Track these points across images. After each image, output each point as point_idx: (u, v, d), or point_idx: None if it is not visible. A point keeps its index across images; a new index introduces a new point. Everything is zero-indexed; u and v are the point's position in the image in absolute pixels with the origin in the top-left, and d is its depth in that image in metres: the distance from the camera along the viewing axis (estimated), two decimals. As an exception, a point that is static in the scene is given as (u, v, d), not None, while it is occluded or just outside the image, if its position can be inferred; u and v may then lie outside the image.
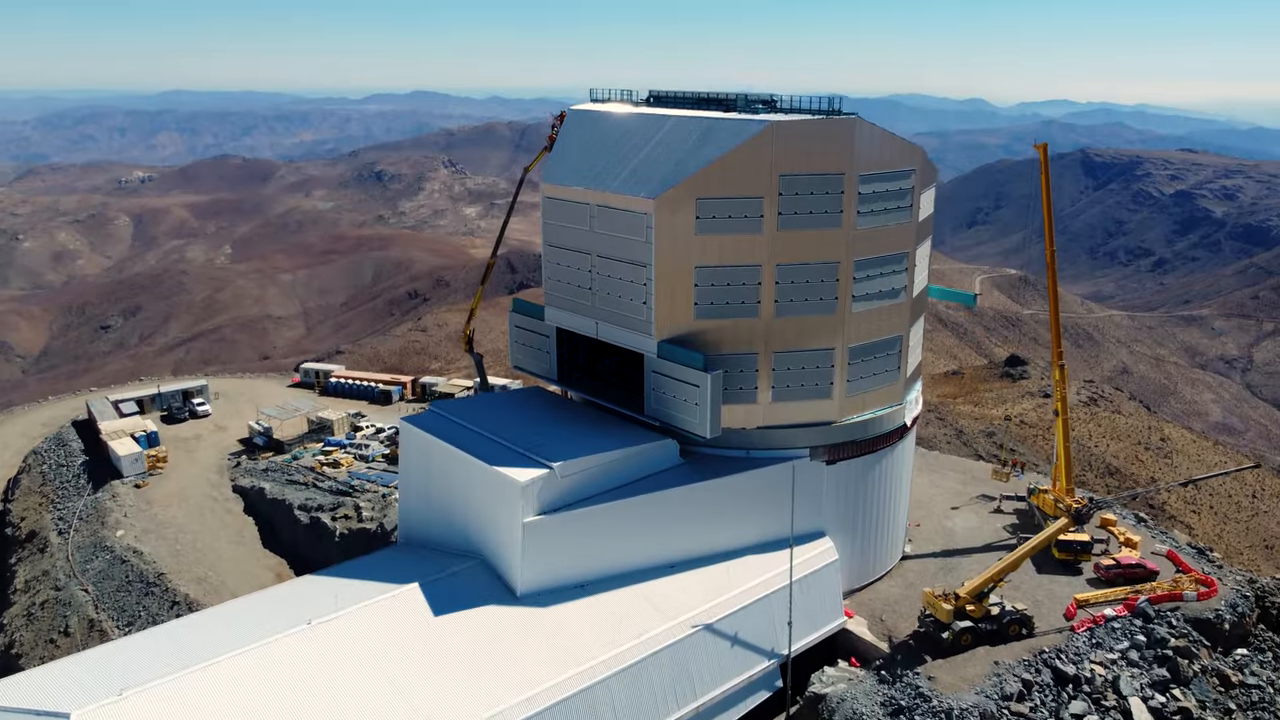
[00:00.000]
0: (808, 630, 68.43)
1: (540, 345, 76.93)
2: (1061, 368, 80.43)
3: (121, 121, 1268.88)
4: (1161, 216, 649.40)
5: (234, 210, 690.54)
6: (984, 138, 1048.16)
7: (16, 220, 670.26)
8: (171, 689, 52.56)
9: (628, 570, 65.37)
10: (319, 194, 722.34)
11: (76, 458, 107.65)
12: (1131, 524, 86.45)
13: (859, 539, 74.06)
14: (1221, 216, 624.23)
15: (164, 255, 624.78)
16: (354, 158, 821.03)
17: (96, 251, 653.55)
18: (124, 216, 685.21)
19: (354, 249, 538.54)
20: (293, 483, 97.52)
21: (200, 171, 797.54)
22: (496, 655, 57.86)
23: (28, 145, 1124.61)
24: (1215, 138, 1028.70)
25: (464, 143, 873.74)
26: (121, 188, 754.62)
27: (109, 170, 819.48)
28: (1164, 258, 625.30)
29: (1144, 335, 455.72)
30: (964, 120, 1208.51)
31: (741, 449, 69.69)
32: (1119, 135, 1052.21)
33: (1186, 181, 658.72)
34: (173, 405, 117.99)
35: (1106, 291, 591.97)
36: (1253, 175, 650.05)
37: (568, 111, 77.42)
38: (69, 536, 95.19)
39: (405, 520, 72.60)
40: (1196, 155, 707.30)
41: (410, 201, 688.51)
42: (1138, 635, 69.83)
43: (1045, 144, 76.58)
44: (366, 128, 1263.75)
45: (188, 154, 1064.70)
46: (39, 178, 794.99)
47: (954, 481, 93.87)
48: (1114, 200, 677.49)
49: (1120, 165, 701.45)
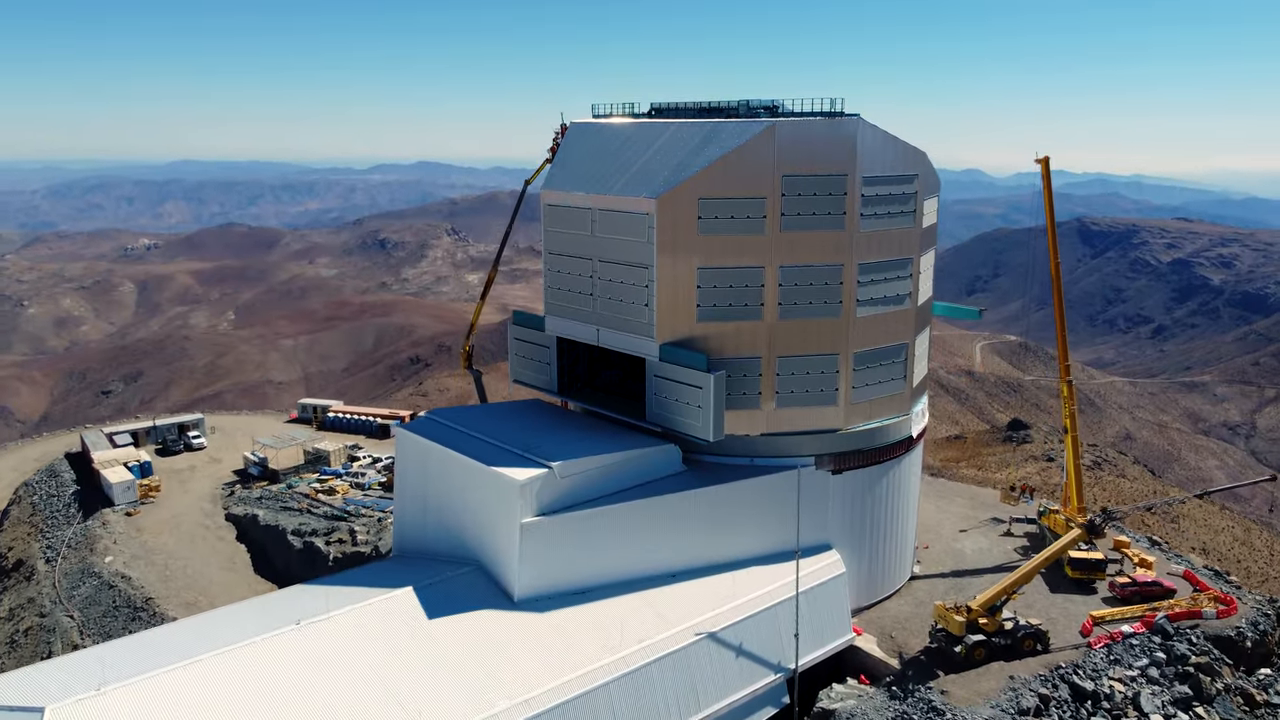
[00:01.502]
0: (815, 645, 66.14)
1: (540, 357, 75.93)
2: (1069, 384, 79.25)
3: (129, 191, 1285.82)
4: (1159, 284, 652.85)
5: (238, 277, 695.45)
6: (981, 207, 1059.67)
7: (22, 287, 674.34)
8: (153, 685, 50.41)
9: (629, 578, 63.40)
10: (323, 261, 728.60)
11: (68, 487, 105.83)
12: (1145, 547, 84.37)
13: (866, 554, 72.06)
14: (1219, 284, 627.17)
15: (167, 321, 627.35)
16: (358, 226, 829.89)
17: (100, 318, 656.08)
18: (129, 283, 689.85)
19: (357, 315, 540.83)
20: (286, 509, 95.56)
21: (206, 239, 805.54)
22: (492, 658, 55.65)
23: (36, 214, 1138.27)
24: (1210, 208, 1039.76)
25: (467, 211, 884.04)
26: (127, 255, 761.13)
27: (115, 238, 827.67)
28: (1163, 325, 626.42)
29: (1146, 401, 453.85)
30: (961, 190, 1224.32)
31: (745, 457, 68.22)
32: (1115, 205, 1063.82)
33: (1183, 250, 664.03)
34: (167, 438, 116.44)
35: (1107, 358, 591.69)
36: (1248, 244, 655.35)
37: (570, 124, 77.71)
38: (56, 564, 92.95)
39: (401, 531, 70.75)
40: (1192, 224, 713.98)
41: (413, 268, 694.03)
42: (1157, 652, 67.44)
43: (1047, 157, 76.56)
44: (371, 197, 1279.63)
45: (194, 222, 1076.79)
46: (45, 245, 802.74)
47: (962, 506, 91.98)
48: (1112, 268, 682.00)
49: (1117, 234, 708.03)
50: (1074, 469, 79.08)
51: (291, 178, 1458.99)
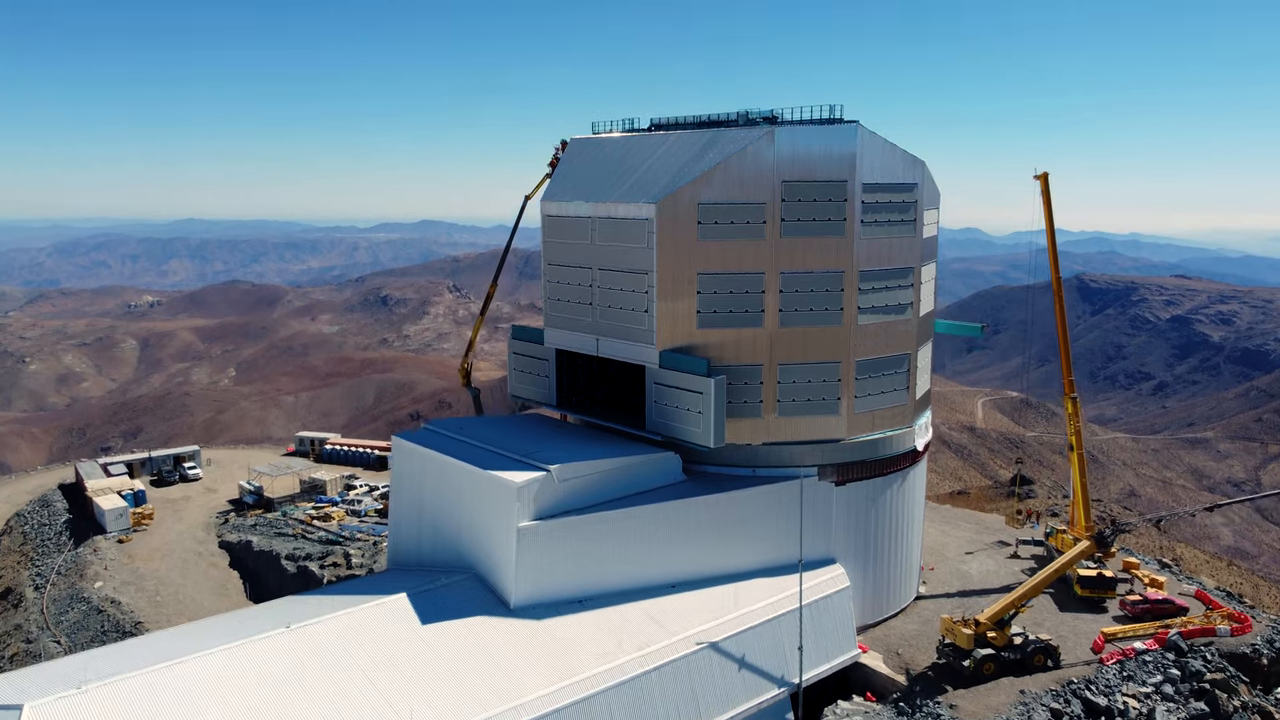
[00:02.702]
0: (819, 660, 64.41)
1: (539, 370, 75.30)
2: (1074, 400, 78.36)
3: (134, 249, 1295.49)
4: (1159, 341, 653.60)
5: (240, 334, 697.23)
6: (980, 265, 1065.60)
7: (24, 343, 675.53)
8: (135, 684, 48.93)
9: (628, 588, 61.99)
10: (325, 318, 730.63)
11: (60, 516, 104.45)
12: (1155, 569, 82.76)
13: (871, 569, 70.60)
14: (1219, 341, 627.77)
15: (169, 378, 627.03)
16: (360, 283, 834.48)
17: (102, 374, 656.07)
18: (131, 340, 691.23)
19: (358, 371, 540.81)
20: (281, 535, 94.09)
21: (208, 296, 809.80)
22: (487, 663, 54.09)
23: (41, 271, 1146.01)
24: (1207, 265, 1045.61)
25: (469, 269, 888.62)
26: (130, 312, 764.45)
27: (119, 295, 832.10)
28: (1165, 381, 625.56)
29: (1149, 458, 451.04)
30: (960, 248, 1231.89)
31: (747, 467, 67.21)
32: (1113, 263, 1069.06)
33: (1182, 306, 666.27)
34: (163, 469, 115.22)
35: (1109, 415, 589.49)
36: (1247, 301, 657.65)
37: (570, 140, 78.08)
38: (45, 590, 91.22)
39: (396, 543, 69.36)
40: (1190, 281, 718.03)
41: (415, 325, 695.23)
42: (1171, 669, 65.66)
43: (1045, 173, 76.65)
44: (374, 255, 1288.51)
45: (198, 280, 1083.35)
46: (49, 302, 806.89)
47: (967, 530, 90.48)
48: (1112, 325, 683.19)
49: (1116, 291, 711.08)
50: (1080, 487, 77.82)
51: (295, 236, 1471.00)
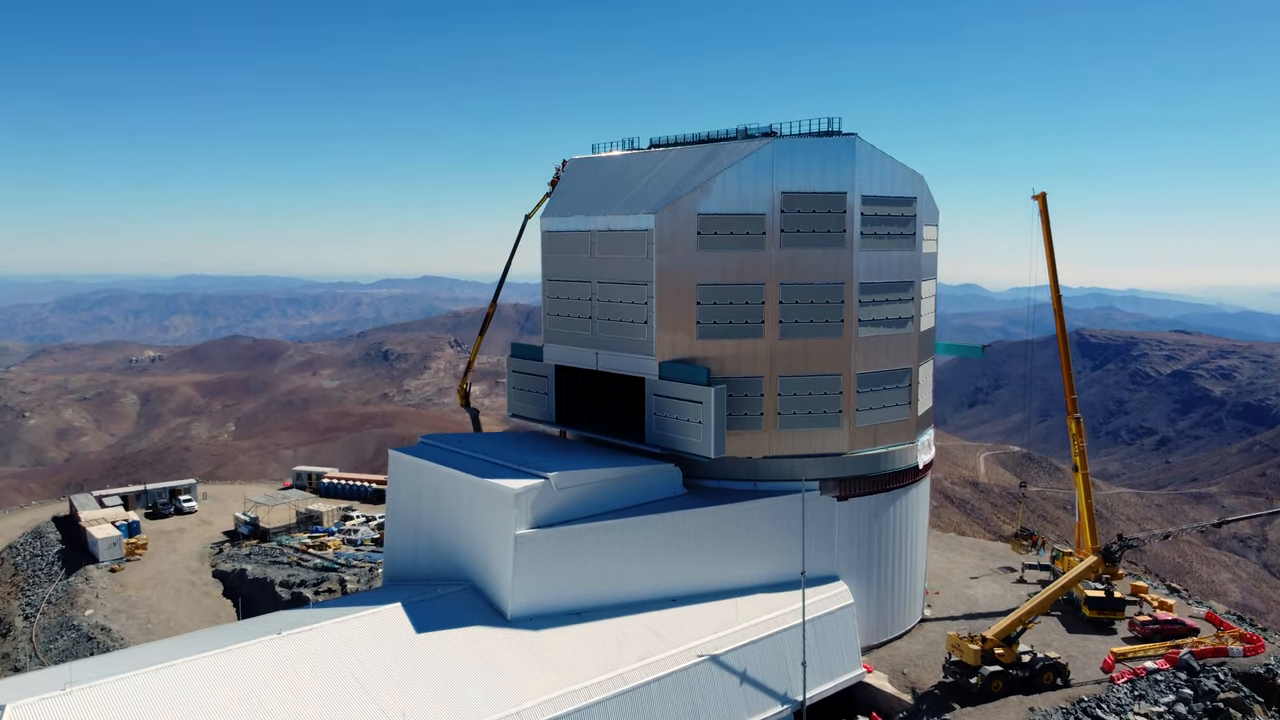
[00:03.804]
0: (823, 678, 62.99)
1: (539, 388, 74.91)
2: (1077, 420, 77.76)
3: (137, 304, 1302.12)
4: (1161, 396, 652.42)
5: (241, 388, 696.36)
6: (980, 321, 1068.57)
7: (25, 398, 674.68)
8: (120, 686, 47.82)
9: (627, 600, 60.93)
10: (326, 373, 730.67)
11: (53, 547, 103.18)
12: (1164, 594, 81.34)
13: (875, 588, 69.41)
14: (1221, 396, 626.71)
15: (168, 433, 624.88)
16: (362, 338, 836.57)
17: (101, 429, 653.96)
18: (131, 394, 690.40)
19: (357, 426, 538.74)
20: (276, 563, 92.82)
21: (210, 351, 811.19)
22: (481, 671, 52.86)
23: (44, 327, 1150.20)
24: (1207, 321, 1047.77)
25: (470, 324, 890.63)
26: (131, 367, 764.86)
27: (120, 350, 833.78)
28: (1167, 436, 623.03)
29: (1154, 513, 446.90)
30: (959, 304, 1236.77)
31: (748, 481, 66.49)
32: (1112, 318, 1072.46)
33: (1182, 361, 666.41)
34: (158, 501, 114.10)
35: (1112, 470, 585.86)
36: (1247, 356, 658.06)
37: (569, 160, 78.62)
38: (35, 619, 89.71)
39: (391, 559, 68.28)
40: (1190, 336, 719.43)
41: (415, 380, 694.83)
42: (1183, 689, 64.13)
43: (1044, 193, 77.06)
44: (376, 310, 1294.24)
45: (199, 335, 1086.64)
46: (51, 357, 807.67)
47: (972, 557, 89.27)
48: (1112, 380, 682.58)
49: (1116, 346, 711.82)
50: (1085, 509, 76.80)
51: (298, 292, 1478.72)
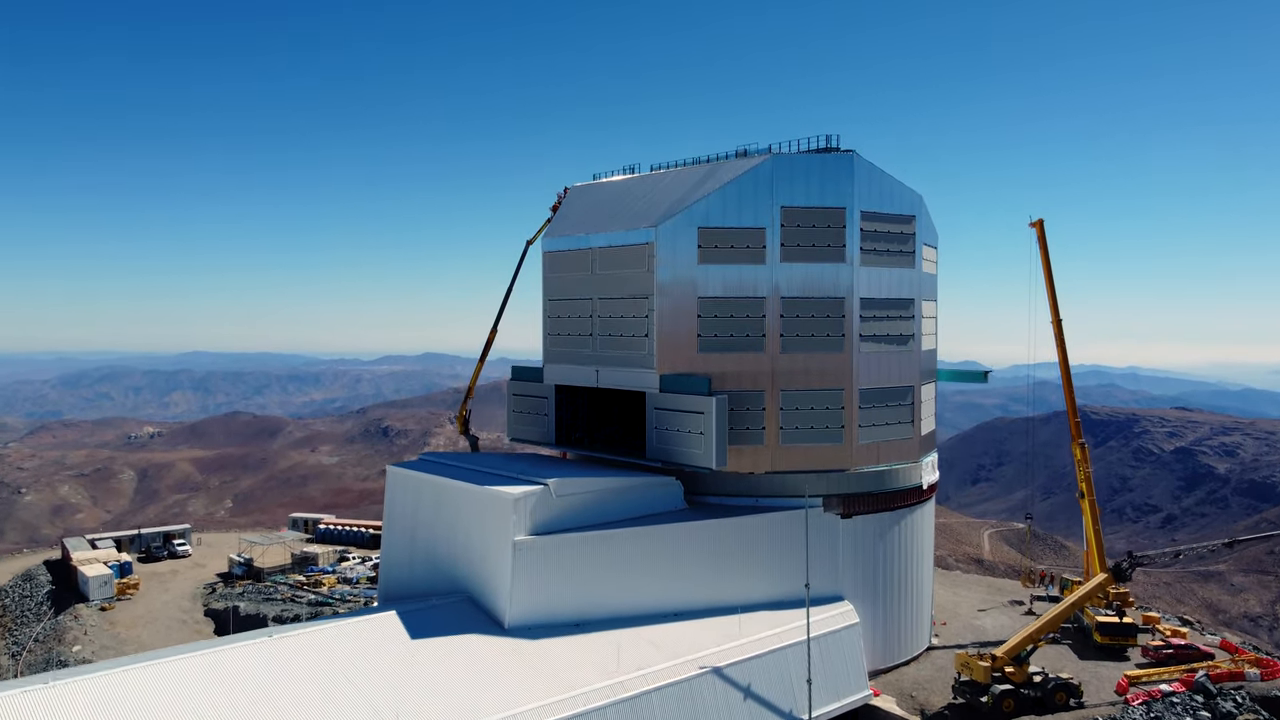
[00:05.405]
0: (829, 698, 61.30)
1: (539, 409, 74.51)
2: (1082, 446, 77.11)
3: (138, 381, 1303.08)
4: (1164, 473, 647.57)
5: (239, 465, 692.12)
6: (980, 398, 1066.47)
7: (22, 474, 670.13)
8: (105, 680, 46.64)
9: (627, 613, 59.61)
10: (325, 449, 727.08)
11: (42, 588, 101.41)
12: (1176, 624, 79.60)
13: (881, 610, 68.00)
14: (1225, 473, 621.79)
15: (165, 509, 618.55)
16: (362, 414, 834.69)
17: (98, 505, 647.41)
18: (129, 470, 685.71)
19: (355, 502, 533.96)
20: (269, 600, 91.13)
21: (209, 428, 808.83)
22: (477, 676, 51.48)
23: (44, 403, 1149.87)
24: (1208, 398, 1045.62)
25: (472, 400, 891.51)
26: (130, 443, 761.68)
27: (120, 426, 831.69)
28: (1173, 514, 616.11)
29: (1162, 592, 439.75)
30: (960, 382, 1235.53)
31: (750, 497, 65.68)
32: (1113, 395, 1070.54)
33: (1185, 439, 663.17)
34: (152, 545, 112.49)
35: (1118, 548, 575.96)
36: (1250, 433, 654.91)
37: (571, 187, 79.60)
38: (20, 657, 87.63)
39: (387, 575, 67.05)
40: (1192, 413, 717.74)
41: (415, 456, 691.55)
42: (1201, 711, 62.32)
43: (1041, 220, 77.72)
44: (377, 387, 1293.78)
45: (200, 411, 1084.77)
46: (50, 433, 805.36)
47: (979, 592, 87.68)
48: (1115, 457, 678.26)
49: (1117, 423, 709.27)
50: (1093, 534, 75.78)
51: (299, 368, 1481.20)
